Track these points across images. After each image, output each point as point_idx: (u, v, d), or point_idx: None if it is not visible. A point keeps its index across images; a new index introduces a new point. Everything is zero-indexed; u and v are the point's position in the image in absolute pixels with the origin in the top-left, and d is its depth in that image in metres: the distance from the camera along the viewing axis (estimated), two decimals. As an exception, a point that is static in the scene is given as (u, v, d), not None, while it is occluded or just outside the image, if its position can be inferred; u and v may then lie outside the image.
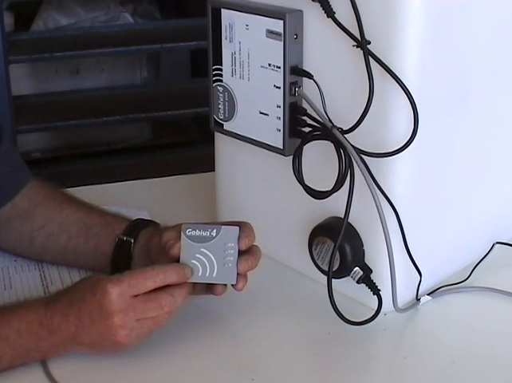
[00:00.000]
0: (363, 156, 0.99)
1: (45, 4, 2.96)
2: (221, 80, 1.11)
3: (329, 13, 0.98)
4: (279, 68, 1.03)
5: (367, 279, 1.04)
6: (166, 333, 0.97)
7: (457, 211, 1.12)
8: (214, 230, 0.97)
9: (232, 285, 0.99)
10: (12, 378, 0.92)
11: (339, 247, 1.02)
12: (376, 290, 1.03)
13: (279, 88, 1.04)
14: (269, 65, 1.04)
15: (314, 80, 1.01)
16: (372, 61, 0.96)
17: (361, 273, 1.04)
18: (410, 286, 1.07)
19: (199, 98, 1.89)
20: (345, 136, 0.99)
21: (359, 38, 0.96)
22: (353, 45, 0.97)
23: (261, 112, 1.07)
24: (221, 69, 1.11)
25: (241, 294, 0.99)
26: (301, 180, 1.05)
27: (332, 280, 1.02)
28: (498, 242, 1.20)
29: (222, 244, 0.97)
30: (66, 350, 0.94)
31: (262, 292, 1.10)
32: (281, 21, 1.00)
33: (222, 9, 1.07)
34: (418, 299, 1.08)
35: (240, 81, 1.09)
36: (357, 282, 1.04)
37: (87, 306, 0.92)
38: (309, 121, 1.03)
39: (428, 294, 1.09)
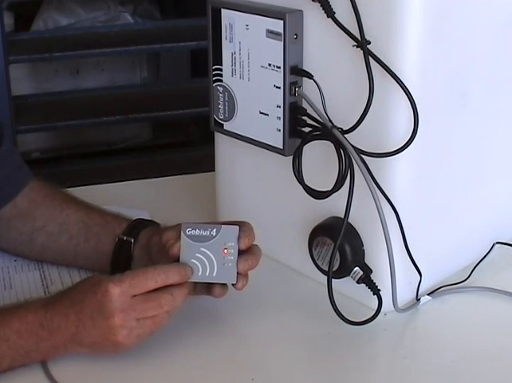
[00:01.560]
0: (363, 156, 0.99)
1: (45, 4, 2.96)
2: (221, 81, 1.11)
3: (329, 13, 0.98)
4: (279, 68, 1.03)
5: (367, 279, 1.04)
6: (166, 333, 0.97)
7: (457, 210, 1.12)
8: (214, 230, 0.97)
9: (232, 284, 0.99)
10: (12, 379, 0.92)
11: (339, 247, 1.02)
12: (376, 290, 1.03)
13: (279, 88, 1.04)
14: (269, 65, 1.04)
15: (314, 80, 1.01)
16: (372, 61, 0.96)
17: (361, 273, 1.04)
18: (410, 286, 1.07)
19: (199, 98, 1.89)
20: (345, 136, 0.99)
21: (359, 38, 0.96)
22: (353, 45, 0.97)
23: (261, 112, 1.08)
24: (221, 69, 1.11)
25: (241, 294, 1.00)
26: (301, 180, 1.05)
27: (332, 280, 1.02)
28: (498, 242, 1.20)
29: (222, 243, 0.97)
30: (67, 351, 0.94)
31: (262, 292, 1.10)
32: (281, 21, 1.00)
33: (222, 9, 1.08)
34: (418, 299, 1.08)
35: (240, 81, 1.09)
36: (357, 282, 1.04)
37: (88, 307, 0.92)
38: (309, 121, 1.03)
39: (428, 294, 1.09)
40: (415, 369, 0.98)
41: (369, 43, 0.96)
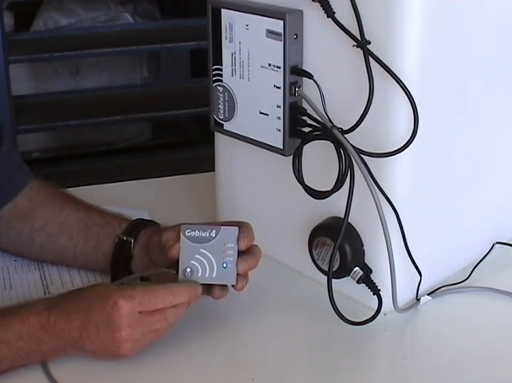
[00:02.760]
0: (363, 156, 0.99)
1: (45, 4, 2.95)
2: (221, 81, 1.11)
3: (329, 13, 0.98)
4: (279, 68, 1.03)
5: (367, 279, 1.04)
6: (166, 334, 0.97)
7: (457, 210, 1.12)
8: (214, 231, 0.97)
9: (232, 285, 0.99)
10: (12, 379, 0.92)
11: (339, 247, 1.02)
12: (376, 290, 1.03)
13: (279, 88, 1.04)
14: (269, 65, 1.04)
15: (314, 80, 1.01)
16: (372, 61, 0.96)
17: (361, 273, 1.04)
18: (410, 286, 1.07)
19: (199, 98, 1.89)
20: (345, 136, 0.99)
21: (359, 38, 0.96)
22: (353, 45, 0.97)
23: (261, 112, 1.07)
24: (221, 69, 1.11)
25: (241, 294, 1.00)
26: (301, 180, 1.05)
27: (332, 280, 1.02)
28: (498, 242, 1.20)
29: (222, 245, 0.97)
30: (66, 354, 0.94)
31: (262, 292, 1.10)
32: (281, 21, 1.00)
33: (222, 9, 1.07)
34: (418, 299, 1.08)
35: (240, 81, 1.09)
36: (357, 282, 1.04)
37: (95, 315, 0.91)
38: (309, 121, 1.03)
39: (428, 294, 1.09)
40: (415, 369, 0.98)
41: (369, 43, 0.96)
